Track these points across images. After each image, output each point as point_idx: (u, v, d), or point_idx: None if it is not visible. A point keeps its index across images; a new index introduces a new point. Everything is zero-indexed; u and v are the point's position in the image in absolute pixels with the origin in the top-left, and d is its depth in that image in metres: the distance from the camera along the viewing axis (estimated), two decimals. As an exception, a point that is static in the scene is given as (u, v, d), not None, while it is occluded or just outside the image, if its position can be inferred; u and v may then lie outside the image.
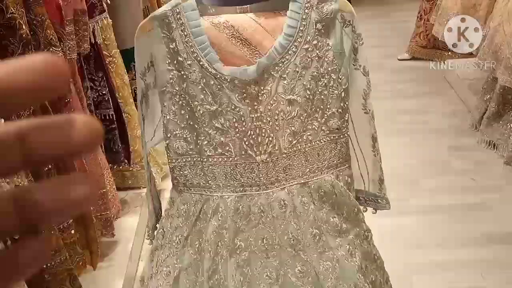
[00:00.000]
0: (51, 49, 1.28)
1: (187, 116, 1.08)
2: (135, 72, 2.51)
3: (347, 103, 1.10)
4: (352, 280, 1.11)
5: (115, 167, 2.29)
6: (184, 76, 1.05)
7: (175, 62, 1.05)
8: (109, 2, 2.04)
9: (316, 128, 1.08)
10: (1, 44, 1.08)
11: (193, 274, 1.14)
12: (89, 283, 1.73)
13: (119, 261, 1.99)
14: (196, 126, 1.08)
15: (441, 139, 3.16)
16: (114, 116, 2.13)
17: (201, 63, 1.03)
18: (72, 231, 1.52)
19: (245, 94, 1.04)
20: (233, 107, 1.05)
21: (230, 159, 1.09)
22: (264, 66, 1.02)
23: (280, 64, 1.03)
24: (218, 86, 1.04)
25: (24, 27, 1.12)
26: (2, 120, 1.05)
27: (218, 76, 1.03)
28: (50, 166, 1.39)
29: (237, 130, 1.06)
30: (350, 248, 1.13)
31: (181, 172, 1.13)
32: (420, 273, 2.11)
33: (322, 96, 1.07)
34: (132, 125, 2.33)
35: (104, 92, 2.07)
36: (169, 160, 1.13)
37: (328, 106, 1.08)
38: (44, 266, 1.34)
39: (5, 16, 1.08)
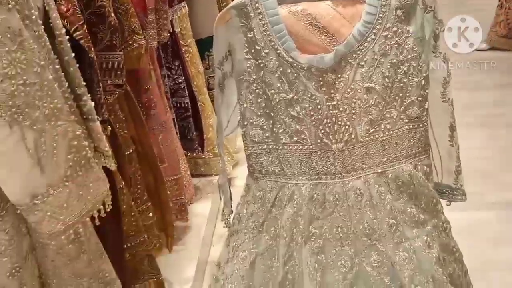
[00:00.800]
0: (134, 37, 1.34)
1: (264, 104, 1.09)
2: (208, 62, 2.59)
3: (427, 91, 1.07)
4: (430, 272, 1.09)
5: (189, 154, 2.35)
6: (261, 65, 1.07)
7: (252, 51, 1.07)
8: (186, -9, 2.09)
9: (394, 117, 1.07)
10: (91, 31, 1.14)
11: (268, 259, 1.16)
12: (164, 265, 1.79)
13: (192, 245, 2.06)
14: (272, 114, 1.09)
15: (521, 132, 3.02)
16: (189, 104, 2.18)
17: (278, 51, 1.04)
18: (150, 214, 1.58)
19: (321, 82, 1.04)
20: (309, 95, 1.05)
21: (306, 147, 1.10)
22: (342, 54, 1.02)
23: (358, 52, 1.03)
24: (295, 75, 1.05)
25: (112, 14, 1.19)
26: (98, 123, 1.11)
27: (295, 64, 1.04)
28: (131, 150, 1.45)
29: (313, 118, 1.07)
30: (427, 239, 1.10)
31: (257, 160, 1.15)
32: (497, 269, 2.04)
33: (401, 84, 1.05)
34: (206, 114, 2.38)
35: (180, 80, 2.13)
36: (246, 147, 1.15)
37: (408, 94, 1.06)
38: (125, 246, 1.41)
39: (96, 4, 1.15)
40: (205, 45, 2.48)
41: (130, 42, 1.37)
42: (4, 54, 0.83)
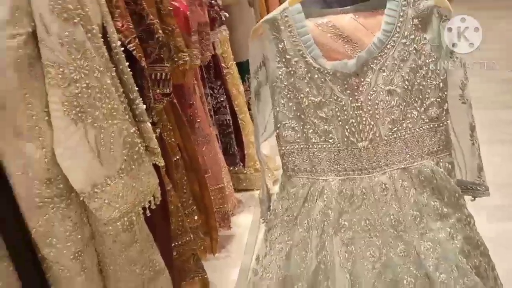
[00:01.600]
0: (179, 54, 1.50)
1: (294, 108, 1.20)
2: (248, 84, 2.72)
3: (445, 93, 1.15)
4: (454, 262, 1.14)
5: (231, 168, 2.48)
6: (292, 72, 1.18)
7: (283, 60, 1.18)
8: (227, 15, 2.25)
9: (415, 117, 1.15)
10: (142, 46, 1.30)
11: (303, 250, 1.23)
12: (208, 269, 1.87)
13: (235, 253, 2.17)
14: (303, 116, 1.20)
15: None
16: (231, 121, 2.32)
17: (306, 59, 1.16)
18: (195, 217, 1.70)
19: (346, 86, 1.14)
20: (335, 97, 1.15)
21: (334, 145, 1.19)
22: (363, 60, 1.12)
23: (379, 58, 1.12)
24: (322, 79, 1.15)
25: (160, 31, 1.35)
26: (149, 124, 1.25)
27: (322, 70, 1.14)
28: (178, 157, 1.59)
29: (339, 118, 1.16)
30: (451, 231, 1.16)
31: (290, 158, 1.24)
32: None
33: (421, 87, 1.13)
34: (246, 131, 2.51)
35: (222, 99, 2.28)
36: (279, 148, 1.26)
37: (427, 96, 1.13)
38: (172, 245, 1.53)
39: (146, 22, 1.32)
40: (245, 68, 2.61)
41: (176, 59, 1.52)
42: (71, 61, 0.99)
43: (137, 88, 1.20)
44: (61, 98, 1.01)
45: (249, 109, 2.59)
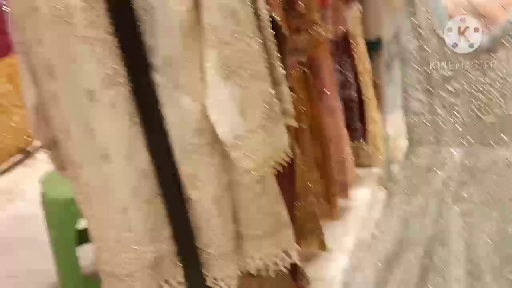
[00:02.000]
0: (314, 27, 1.60)
1: (423, 81, 1.26)
2: (374, 62, 2.74)
3: None
4: None
5: (352, 143, 2.54)
6: (423, 46, 1.23)
7: (416, 34, 1.24)
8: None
9: None
10: (286, 13, 1.41)
11: (420, 216, 1.29)
12: (326, 233, 1.99)
13: (352, 224, 2.26)
14: (430, 88, 1.25)
15: None
16: (356, 97, 2.39)
17: (438, 34, 1.21)
18: (318, 183, 1.81)
19: (476, 61, 1.18)
20: (465, 72, 1.19)
21: (459, 118, 1.23)
22: (496, 36, 1.15)
23: None
24: (452, 54, 1.20)
25: (300, 3, 1.46)
26: (286, 87, 1.36)
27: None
28: (305, 126, 1.70)
29: (467, 92, 1.20)
30: None
31: (415, 129, 1.30)
32: None
33: None
34: (370, 108, 2.56)
35: (348, 74, 2.35)
36: (406, 118, 1.32)
37: None
38: (295, 204, 1.65)
39: (288, -5, 1.44)
40: (373, 47, 2.65)
41: (311, 32, 1.63)
42: (226, 26, 1.13)
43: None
44: (214, 58, 1.15)
45: (374, 87, 2.63)
